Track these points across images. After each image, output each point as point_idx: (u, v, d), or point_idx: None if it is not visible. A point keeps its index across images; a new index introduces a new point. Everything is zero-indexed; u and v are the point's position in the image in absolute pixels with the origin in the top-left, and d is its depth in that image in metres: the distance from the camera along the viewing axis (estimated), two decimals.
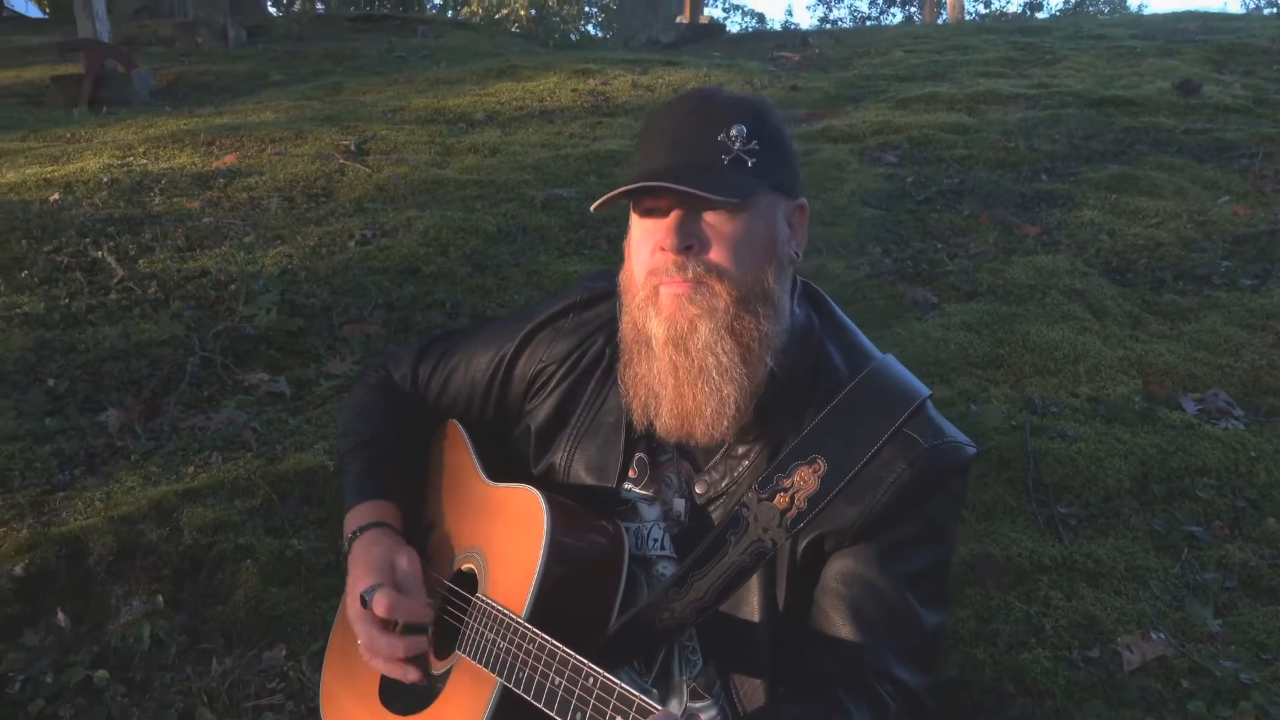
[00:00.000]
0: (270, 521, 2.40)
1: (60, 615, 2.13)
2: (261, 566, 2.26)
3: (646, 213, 1.32)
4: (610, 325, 1.48)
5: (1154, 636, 2.05)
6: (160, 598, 2.17)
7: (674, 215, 1.28)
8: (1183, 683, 1.95)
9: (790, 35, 9.88)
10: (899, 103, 5.85)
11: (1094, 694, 1.94)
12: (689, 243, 1.27)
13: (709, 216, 1.28)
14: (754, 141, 1.29)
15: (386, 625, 1.39)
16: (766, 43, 9.59)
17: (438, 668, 1.43)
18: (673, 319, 1.29)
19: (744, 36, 10.89)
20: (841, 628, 1.27)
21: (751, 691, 1.34)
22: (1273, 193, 4.39)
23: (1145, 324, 3.34)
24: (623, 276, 1.41)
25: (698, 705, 1.38)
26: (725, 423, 1.29)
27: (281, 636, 2.16)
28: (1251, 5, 20.59)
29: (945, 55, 7.63)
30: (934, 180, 4.44)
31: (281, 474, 2.51)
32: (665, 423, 1.32)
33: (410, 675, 1.39)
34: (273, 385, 2.97)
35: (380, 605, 1.36)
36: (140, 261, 3.71)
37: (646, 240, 1.32)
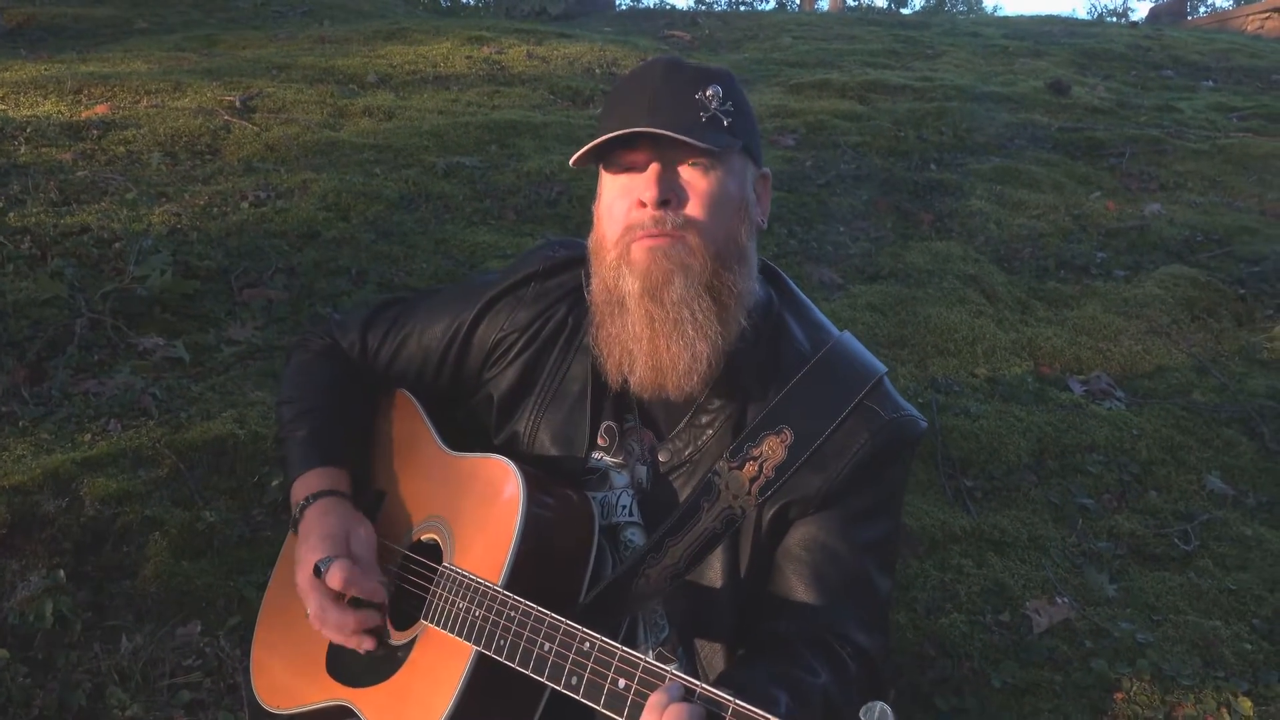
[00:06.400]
0: (178, 492, 2.28)
1: None
2: (171, 539, 2.15)
3: (623, 169, 1.33)
4: (573, 294, 1.49)
5: (1059, 601, 2.18)
6: (61, 572, 2.04)
7: (653, 168, 1.30)
8: (1086, 643, 2.09)
9: (679, 15, 9.94)
10: (793, 88, 5.97)
11: (1007, 655, 2.05)
12: (667, 196, 1.28)
13: (685, 172, 1.30)
14: (729, 103, 1.33)
15: (339, 598, 1.36)
16: (656, 21, 9.61)
17: (398, 638, 1.40)
18: (648, 271, 1.29)
19: (633, 13, 10.87)
20: (803, 592, 1.32)
21: (712, 655, 1.38)
22: (1139, 190, 4.70)
23: (1033, 309, 3.53)
24: (592, 240, 1.41)
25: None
26: (696, 378, 1.31)
27: (196, 612, 2.06)
28: (1096, 14, 21.81)
29: (833, 44, 7.81)
30: (832, 165, 4.56)
31: (188, 442, 2.39)
32: (640, 378, 1.33)
33: (364, 645, 1.37)
34: (169, 350, 2.81)
35: (335, 578, 1.33)
36: (10, 215, 3.44)
37: (623, 196, 1.32)
